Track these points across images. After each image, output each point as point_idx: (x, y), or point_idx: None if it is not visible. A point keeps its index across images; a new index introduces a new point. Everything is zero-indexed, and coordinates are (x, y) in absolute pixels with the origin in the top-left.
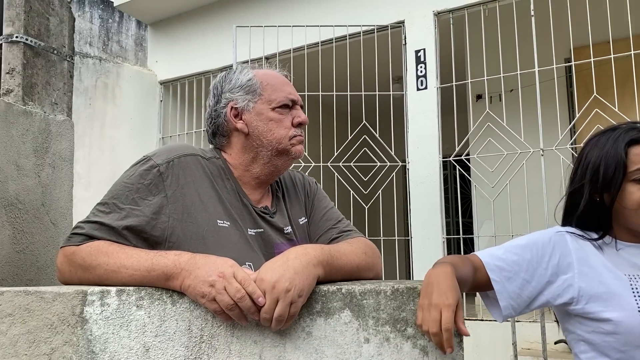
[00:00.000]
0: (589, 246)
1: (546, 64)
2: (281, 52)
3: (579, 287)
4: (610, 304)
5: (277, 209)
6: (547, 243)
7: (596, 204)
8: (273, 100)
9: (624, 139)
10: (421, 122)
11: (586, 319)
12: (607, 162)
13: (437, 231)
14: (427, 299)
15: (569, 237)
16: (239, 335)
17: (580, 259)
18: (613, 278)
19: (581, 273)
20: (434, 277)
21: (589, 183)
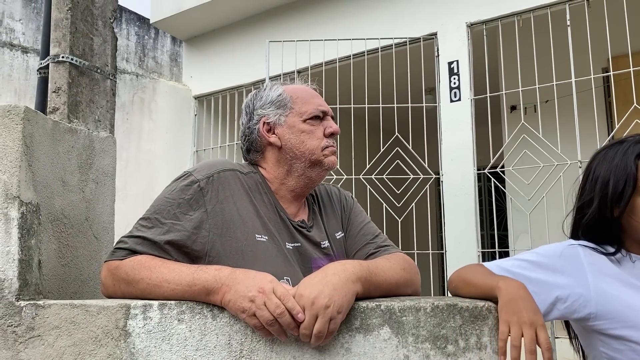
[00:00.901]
0: (605, 260)
1: (583, 74)
2: (313, 66)
3: (596, 302)
4: (632, 320)
5: (314, 223)
6: (558, 256)
7: (606, 218)
8: (304, 112)
9: (634, 151)
10: (455, 134)
11: (606, 336)
12: (617, 176)
13: (472, 244)
14: (515, 316)
15: (582, 251)
16: (278, 350)
17: (595, 273)
18: (633, 292)
19: (597, 288)
20: (515, 293)
21: (599, 197)
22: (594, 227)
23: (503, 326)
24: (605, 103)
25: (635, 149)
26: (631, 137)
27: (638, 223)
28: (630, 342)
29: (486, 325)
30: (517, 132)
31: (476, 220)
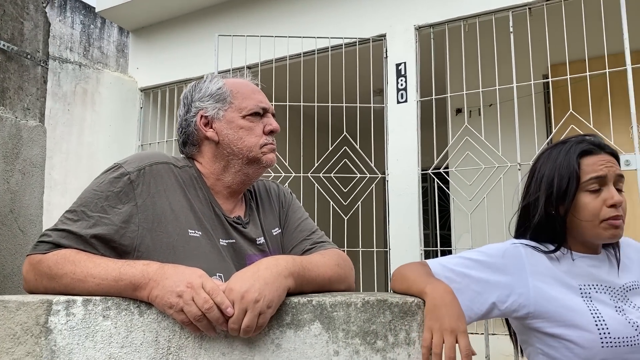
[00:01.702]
0: (545, 259)
1: (524, 80)
2: (263, 62)
3: (535, 302)
4: (567, 320)
5: (250, 219)
6: (501, 256)
7: (551, 216)
8: (243, 108)
9: (576, 150)
10: (401, 135)
11: (543, 334)
12: (561, 174)
13: (415, 243)
14: (438, 322)
15: (524, 250)
16: (207, 347)
17: (535, 273)
18: (569, 292)
19: (536, 288)
20: (439, 299)
21: (544, 196)
22: (540, 226)
23: (426, 332)
24: (545, 108)
25: (577, 148)
26: (573, 138)
27: (581, 220)
28: (564, 340)
29: (415, 320)
30: (460, 134)
31: (419, 219)
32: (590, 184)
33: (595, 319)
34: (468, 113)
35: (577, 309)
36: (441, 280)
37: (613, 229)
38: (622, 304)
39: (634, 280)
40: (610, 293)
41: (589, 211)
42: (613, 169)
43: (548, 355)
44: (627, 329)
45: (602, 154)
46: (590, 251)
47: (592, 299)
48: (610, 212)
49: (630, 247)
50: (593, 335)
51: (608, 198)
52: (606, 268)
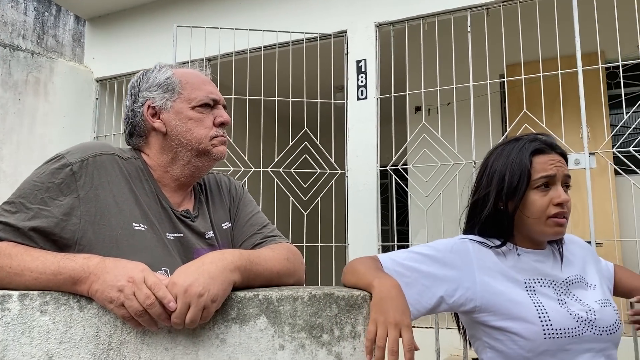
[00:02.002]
0: (491, 254)
1: (482, 79)
2: (223, 55)
3: (481, 296)
4: (512, 313)
5: (199, 213)
6: (449, 251)
7: (499, 212)
8: (193, 99)
9: (528, 148)
10: (361, 131)
11: (490, 327)
12: (513, 171)
13: (373, 238)
14: (383, 316)
15: (471, 245)
16: (150, 342)
17: (481, 268)
18: (514, 286)
19: (483, 283)
20: (386, 292)
21: (494, 191)
22: (488, 221)
23: (371, 325)
24: (501, 107)
25: (530, 146)
26: (527, 135)
27: (528, 217)
28: (509, 332)
29: (361, 314)
30: (418, 132)
31: (377, 215)
32: (540, 182)
33: (538, 311)
34: (427, 111)
35: (521, 302)
36: (390, 274)
37: (557, 227)
38: (564, 297)
39: (576, 274)
40: (553, 287)
41: (536, 208)
42: (562, 169)
43: (494, 348)
44: (569, 321)
45: (552, 153)
46: (536, 247)
47: (536, 293)
48: (555, 210)
49: (575, 243)
50: (536, 327)
51: (555, 197)
52: (550, 263)
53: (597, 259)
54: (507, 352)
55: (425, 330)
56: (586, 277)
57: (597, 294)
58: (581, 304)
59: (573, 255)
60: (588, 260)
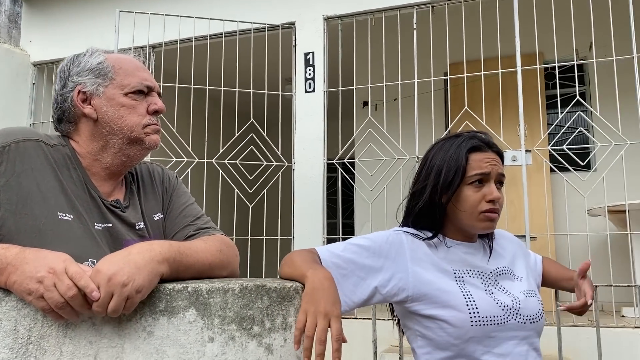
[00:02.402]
0: (423, 245)
1: (426, 77)
2: (167, 42)
3: (413, 285)
4: (441, 301)
5: (130, 203)
6: (385, 243)
7: (433, 205)
8: (126, 85)
9: (466, 145)
10: (308, 124)
11: (420, 316)
12: (449, 166)
13: (318, 231)
14: (313, 306)
15: (405, 237)
16: (73, 335)
17: (414, 259)
18: (444, 276)
19: (415, 273)
20: (318, 283)
21: (431, 184)
22: (423, 212)
23: (301, 314)
24: (444, 104)
25: (468, 143)
26: (466, 133)
27: (461, 210)
28: (439, 320)
29: (292, 305)
30: (364, 126)
31: (323, 208)
32: (474, 179)
33: (466, 300)
34: (374, 106)
35: (450, 291)
36: (328, 266)
37: (488, 222)
38: (492, 287)
39: (504, 266)
40: (481, 277)
41: (469, 203)
42: (496, 167)
43: (425, 336)
44: (495, 309)
45: (489, 152)
46: (467, 239)
47: (465, 283)
48: (487, 206)
49: (505, 238)
50: (464, 315)
51: (488, 194)
52: (480, 255)
53: (526, 252)
54: (436, 339)
55: (366, 322)
56: (514, 269)
57: (523, 285)
58: (507, 294)
59: (502, 249)
60: (517, 253)
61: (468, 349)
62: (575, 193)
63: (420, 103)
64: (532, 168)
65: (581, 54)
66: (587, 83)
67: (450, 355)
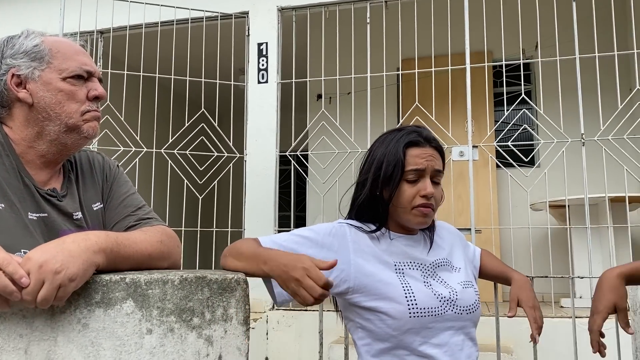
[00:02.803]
0: (366, 238)
1: (380, 71)
2: (116, 28)
3: (354, 277)
4: (381, 293)
5: (68, 192)
6: (328, 235)
7: (376, 198)
8: (64, 69)
9: (405, 140)
10: (261, 116)
11: (361, 308)
12: (389, 160)
13: (270, 224)
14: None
15: (349, 229)
16: (2, 329)
17: (356, 251)
18: (385, 268)
19: (357, 264)
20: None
21: (372, 178)
22: (364, 205)
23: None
24: (397, 100)
25: (407, 138)
26: (409, 126)
27: (397, 206)
28: (378, 312)
29: (233, 297)
30: (317, 119)
31: (275, 200)
32: (410, 174)
33: (405, 292)
34: (328, 99)
35: (391, 283)
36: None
37: (421, 217)
38: (430, 279)
39: (443, 257)
40: (421, 269)
41: (404, 198)
42: (432, 163)
43: (365, 328)
44: (433, 301)
45: (427, 147)
46: (407, 232)
47: (405, 275)
48: (421, 201)
49: (445, 229)
50: (402, 307)
51: (422, 189)
52: (420, 247)
53: (465, 244)
54: (376, 331)
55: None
56: (452, 260)
57: (460, 276)
58: (445, 285)
59: (442, 240)
60: (455, 244)
61: (406, 339)
62: (519, 188)
63: (373, 97)
64: (479, 163)
65: (528, 53)
66: (533, 82)
67: (389, 347)
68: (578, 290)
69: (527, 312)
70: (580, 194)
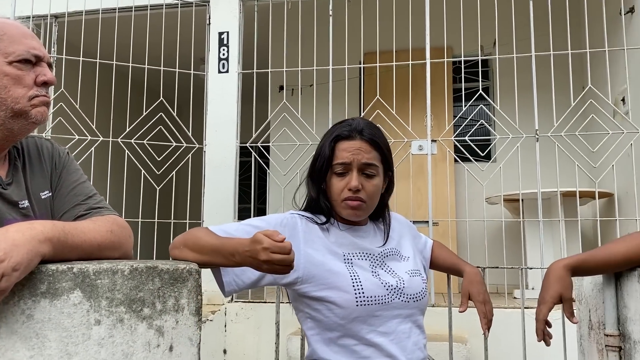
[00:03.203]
0: (317, 229)
1: (342, 64)
2: (72, 13)
3: (304, 267)
4: (329, 282)
5: (14, 180)
6: (279, 225)
7: (320, 190)
8: (10, 53)
9: (335, 133)
10: (221, 106)
11: (309, 298)
12: (321, 155)
13: (229, 216)
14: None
15: (300, 220)
16: None
17: (307, 241)
18: (334, 259)
19: (307, 255)
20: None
21: (310, 171)
22: (313, 198)
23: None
24: (359, 93)
25: (338, 131)
26: (349, 119)
27: (332, 200)
28: (326, 302)
29: (185, 287)
30: (279, 111)
31: (235, 191)
32: (337, 167)
33: (353, 281)
34: (290, 91)
35: (339, 273)
36: None
37: (350, 209)
38: (378, 269)
39: (392, 247)
40: (369, 259)
41: (333, 191)
42: (359, 157)
43: (313, 318)
44: (380, 289)
45: (356, 140)
46: (357, 223)
47: (353, 265)
48: (347, 194)
49: (395, 220)
50: (350, 296)
51: (348, 183)
52: (370, 238)
53: (416, 234)
54: (324, 320)
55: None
56: (401, 249)
57: (409, 265)
58: (392, 274)
59: (392, 230)
60: (404, 234)
61: (354, 328)
62: (475, 182)
63: (335, 90)
64: (437, 157)
65: (486, 50)
66: (491, 78)
67: (338, 335)
68: (531, 282)
69: (477, 307)
70: (534, 188)
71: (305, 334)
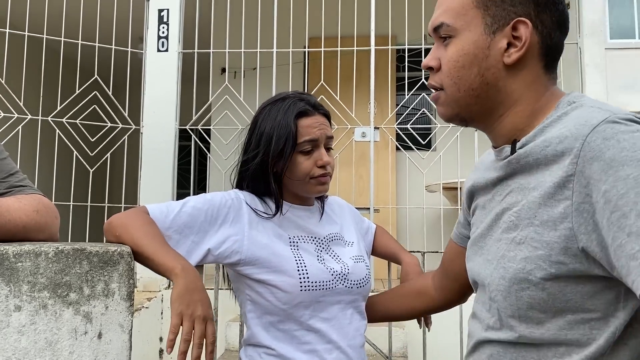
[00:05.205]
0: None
1: (285, 48)
2: None
3: (247, 249)
4: (273, 266)
5: None
6: (224, 206)
7: (266, 174)
8: None
9: (294, 111)
10: (159, 86)
11: (252, 280)
12: (279, 134)
13: (167, 200)
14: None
15: (245, 201)
16: None
17: (252, 222)
18: (279, 241)
19: (250, 236)
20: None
21: (262, 152)
22: (256, 180)
23: (176, 318)
24: (303, 78)
25: (295, 108)
26: (292, 93)
27: (293, 179)
28: (270, 285)
29: (116, 270)
30: (220, 93)
31: (173, 175)
32: (304, 145)
33: (298, 265)
34: (232, 73)
35: (284, 256)
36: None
37: (320, 185)
38: (324, 254)
39: (336, 232)
40: (315, 243)
41: (301, 170)
42: (324, 131)
43: (255, 301)
44: (324, 274)
45: (316, 115)
46: (303, 203)
47: (299, 248)
48: (319, 172)
49: (337, 204)
50: (294, 280)
51: (318, 159)
52: (315, 221)
53: (360, 219)
54: (265, 304)
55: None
56: (344, 235)
57: (353, 251)
58: (337, 260)
59: (335, 215)
60: (348, 219)
61: (296, 313)
62: (416, 170)
63: (279, 74)
64: (380, 145)
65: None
66: None
67: (278, 320)
68: None
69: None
70: None
71: (245, 316)
